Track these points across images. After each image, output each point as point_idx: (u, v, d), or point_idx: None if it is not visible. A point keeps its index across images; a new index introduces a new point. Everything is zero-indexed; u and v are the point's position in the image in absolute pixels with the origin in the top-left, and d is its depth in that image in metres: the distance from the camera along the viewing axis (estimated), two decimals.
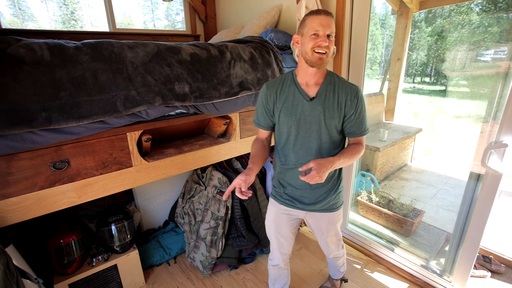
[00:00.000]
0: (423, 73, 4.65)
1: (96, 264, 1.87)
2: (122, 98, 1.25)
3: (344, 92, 1.27)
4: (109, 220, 1.95)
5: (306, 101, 1.28)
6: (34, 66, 1.05)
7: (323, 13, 1.15)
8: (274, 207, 1.54)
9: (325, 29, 1.14)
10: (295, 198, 1.46)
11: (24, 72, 1.03)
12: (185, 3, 3.20)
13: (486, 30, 2.88)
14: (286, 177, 1.45)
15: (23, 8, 2.65)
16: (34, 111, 1.05)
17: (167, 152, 1.68)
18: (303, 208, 1.47)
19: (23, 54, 1.04)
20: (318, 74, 1.28)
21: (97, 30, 2.93)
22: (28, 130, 1.07)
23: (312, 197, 1.43)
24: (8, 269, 1.02)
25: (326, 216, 1.50)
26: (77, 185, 1.34)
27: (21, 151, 1.15)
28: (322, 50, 1.16)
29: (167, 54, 1.39)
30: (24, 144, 1.10)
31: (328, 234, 1.59)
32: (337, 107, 1.27)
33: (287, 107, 1.31)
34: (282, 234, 1.58)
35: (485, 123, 1.65)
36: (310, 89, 1.30)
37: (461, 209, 1.86)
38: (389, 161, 3.65)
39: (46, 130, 1.12)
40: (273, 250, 1.65)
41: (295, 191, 1.44)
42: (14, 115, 1.02)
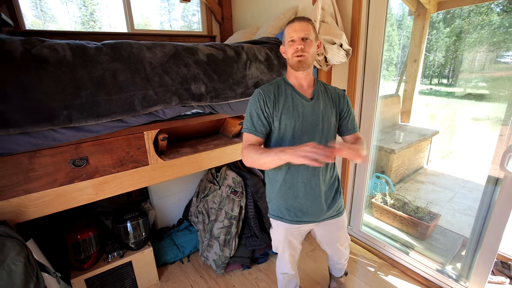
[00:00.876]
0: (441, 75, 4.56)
1: (112, 260, 1.91)
2: (140, 97, 1.27)
3: (334, 92, 1.39)
4: (124, 218, 1.99)
5: (306, 101, 1.31)
6: (57, 66, 1.08)
7: (296, 20, 1.24)
8: (281, 227, 1.46)
9: (299, 34, 1.22)
10: (303, 212, 1.39)
11: (47, 72, 1.06)
12: (201, 4, 3.22)
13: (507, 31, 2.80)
14: (292, 189, 1.37)
15: (45, 10, 2.73)
16: (56, 109, 1.08)
17: (182, 151, 1.70)
18: (313, 221, 1.43)
19: (46, 55, 1.07)
20: (308, 77, 1.34)
21: (116, 31, 2.99)
22: (49, 128, 1.10)
23: (319, 204, 1.39)
24: (29, 262, 1.06)
25: (335, 222, 1.50)
26: (95, 182, 1.37)
27: (42, 148, 1.19)
28: (299, 53, 1.22)
29: (184, 54, 1.40)
30: (46, 141, 1.13)
31: (339, 240, 1.60)
32: (332, 105, 1.36)
33: (288, 109, 1.29)
34: (293, 248, 1.55)
35: (504, 126, 1.61)
36: (305, 91, 1.34)
37: (479, 214, 1.82)
38: (404, 163, 3.58)
39: (67, 128, 1.15)
40: (283, 261, 1.62)
41: (304, 202, 1.37)
42: (37, 113, 1.05)
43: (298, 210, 1.39)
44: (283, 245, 1.53)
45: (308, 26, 1.23)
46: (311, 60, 1.26)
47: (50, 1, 2.69)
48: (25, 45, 1.05)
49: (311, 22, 1.26)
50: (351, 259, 2.34)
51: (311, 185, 1.35)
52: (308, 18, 1.27)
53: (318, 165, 1.04)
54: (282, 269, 1.66)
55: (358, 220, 2.53)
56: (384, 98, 3.69)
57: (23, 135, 1.07)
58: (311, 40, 1.23)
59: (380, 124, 3.01)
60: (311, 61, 1.26)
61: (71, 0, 2.78)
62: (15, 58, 1.01)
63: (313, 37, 1.25)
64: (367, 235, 2.49)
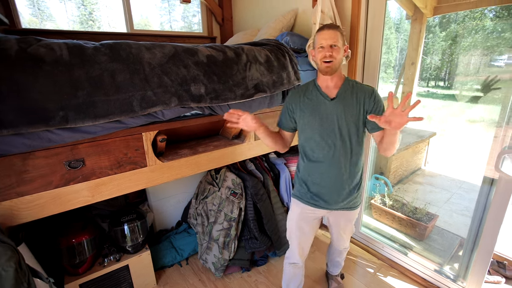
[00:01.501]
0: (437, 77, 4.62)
1: (108, 264, 1.87)
2: (138, 98, 1.25)
3: (362, 92, 1.41)
4: (122, 220, 1.95)
5: (328, 101, 1.42)
6: (53, 66, 1.05)
7: (326, 28, 1.35)
8: (298, 207, 1.61)
9: (328, 41, 1.33)
10: (320, 197, 1.52)
11: (43, 72, 1.03)
12: (202, 5, 3.22)
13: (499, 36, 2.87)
14: (311, 175, 1.52)
15: (42, 8, 2.69)
16: (51, 110, 1.05)
17: (181, 152, 1.67)
18: (327, 208, 1.54)
19: (43, 54, 1.04)
20: (335, 78, 1.42)
21: (115, 31, 2.96)
22: (45, 129, 1.07)
23: (336, 195, 1.50)
24: (20, 268, 1.02)
25: (346, 214, 1.60)
26: (91, 184, 1.34)
27: (37, 149, 1.16)
28: (327, 59, 1.33)
29: (184, 55, 1.38)
30: (41, 143, 1.10)
31: (345, 230, 1.71)
32: (356, 105, 1.40)
33: (312, 108, 1.45)
34: (304, 232, 1.65)
35: (498, 127, 1.64)
36: (330, 91, 1.44)
37: (475, 214, 1.85)
38: (402, 164, 3.60)
39: (62, 129, 1.12)
40: (293, 248, 1.71)
41: (320, 189, 1.51)
42: (32, 113, 1.02)
43: (315, 195, 1.53)
44: (294, 228, 1.65)
45: (336, 34, 1.33)
46: (338, 65, 1.37)
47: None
48: (21, 44, 1.02)
49: (340, 30, 1.36)
50: (350, 260, 2.35)
51: (328, 176, 1.47)
52: (337, 26, 1.37)
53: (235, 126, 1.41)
54: (289, 258, 1.74)
55: (357, 221, 2.53)
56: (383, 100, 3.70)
57: (17, 136, 1.04)
58: (339, 47, 1.33)
59: None
60: (338, 66, 1.37)
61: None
62: (10, 56, 0.99)
63: (341, 44, 1.35)
64: (367, 236, 2.50)
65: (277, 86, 1.74)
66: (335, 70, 1.37)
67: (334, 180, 1.48)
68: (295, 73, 1.87)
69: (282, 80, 1.76)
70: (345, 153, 1.43)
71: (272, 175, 2.42)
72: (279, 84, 1.74)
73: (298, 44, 2.10)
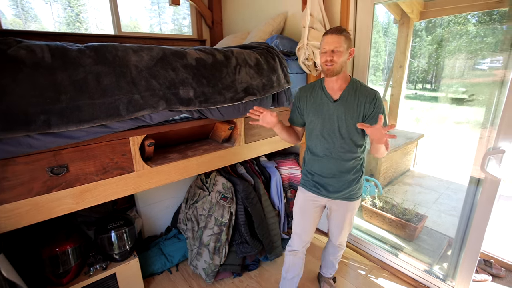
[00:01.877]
0: (424, 80, 4.72)
1: (94, 273, 1.81)
2: (125, 102, 1.22)
3: (363, 95, 1.46)
4: (108, 227, 1.89)
5: (331, 102, 1.50)
6: (34, 68, 1.01)
7: (330, 33, 1.41)
8: (302, 193, 1.75)
9: (330, 46, 1.39)
10: (321, 185, 1.64)
11: (23, 74, 0.99)
12: (192, 8, 3.19)
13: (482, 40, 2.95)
14: (314, 167, 1.65)
15: (26, 9, 2.61)
16: (32, 114, 1.01)
17: (170, 157, 1.64)
18: (327, 196, 1.65)
19: (23, 56, 1.00)
20: (339, 80, 1.48)
21: (102, 33, 2.90)
22: (25, 134, 1.03)
23: (336, 185, 1.61)
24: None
25: (346, 204, 1.67)
26: (75, 191, 1.29)
27: (17, 156, 1.10)
28: (328, 63, 1.40)
29: (172, 58, 1.36)
30: (21, 149, 1.05)
31: (344, 220, 1.74)
32: (356, 108, 1.47)
33: (316, 107, 1.55)
34: (306, 219, 1.75)
35: (483, 129, 1.68)
36: (334, 93, 1.51)
37: (462, 214, 1.88)
38: (392, 166, 3.64)
39: (44, 134, 1.08)
40: (294, 236, 1.80)
41: (321, 179, 1.63)
42: (11, 117, 0.98)
43: (317, 183, 1.65)
44: (298, 213, 1.77)
45: (340, 38, 1.38)
46: (340, 68, 1.42)
47: (32, 0, 2.57)
48: (0, 45, 0.98)
49: (344, 34, 1.39)
50: (342, 262, 2.35)
51: (329, 169, 1.59)
52: (341, 30, 1.40)
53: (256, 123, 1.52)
54: (290, 246, 1.82)
55: None
56: None
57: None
58: (341, 51, 1.39)
59: None
60: (340, 69, 1.42)
61: (55, 0, 2.68)
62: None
63: (344, 48, 1.39)
64: (358, 238, 2.51)
65: (267, 89, 1.73)
66: (337, 73, 1.43)
67: (334, 173, 1.59)
68: (285, 76, 1.86)
69: (272, 83, 1.76)
70: (344, 151, 1.53)
71: (263, 178, 2.40)
72: (269, 87, 1.74)
73: (288, 47, 2.10)
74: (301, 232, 1.76)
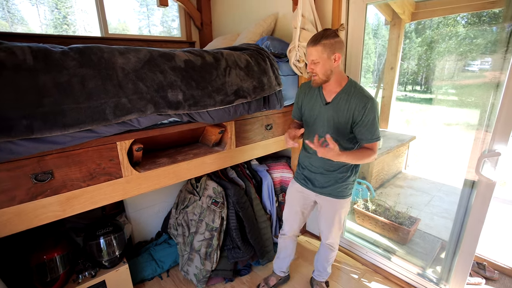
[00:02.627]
0: (414, 82, 4.75)
1: (83, 281, 1.77)
2: (111, 105, 1.18)
3: (355, 102, 1.46)
4: (97, 233, 1.86)
5: (323, 104, 1.55)
6: (15, 71, 0.98)
7: (308, 45, 1.43)
8: (293, 184, 1.87)
9: (309, 57, 1.43)
10: (309, 179, 1.74)
11: (3, 77, 0.95)
12: (180, 9, 3.16)
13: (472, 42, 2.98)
14: (305, 162, 1.75)
15: (13, 11, 2.56)
16: (13, 118, 0.97)
17: (159, 161, 1.61)
18: (313, 190, 1.74)
19: (3, 58, 0.96)
20: (332, 84, 1.51)
21: (90, 35, 2.85)
22: (6, 140, 0.98)
23: (322, 180, 1.68)
24: None
25: (332, 201, 1.71)
26: (61, 198, 1.25)
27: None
28: (312, 73, 1.46)
29: (160, 60, 1.33)
30: (2, 155, 1.01)
31: (332, 218, 1.77)
32: (346, 113, 1.48)
33: (310, 106, 1.62)
34: (293, 209, 1.87)
35: (478, 131, 1.67)
36: (329, 94, 1.54)
37: (457, 217, 1.87)
38: (384, 168, 3.65)
39: (27, 139, 1.04)
40: (285, 222, 1.96)
41: (310, 173, 1.73)
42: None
43: (306, 177, 1.76)
44: (288, 201, 1.90)
45: (316, 50, 1.39)
46: (324, 77, 1.45)
47: (18, 2, 2.52)
48: None
49: (321, 42, 1.37)
50: (334, 266, 2.34)
51: (317, 166, 1.67)
52: (317, 40, 1.38)
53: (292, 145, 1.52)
54: (281, 230, 2.00)
55: None
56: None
57: None
58: (320, 62, 1.41)
59: None
60: (324, 78, 1.45)
61: (42, 2, 2.63)
62: None
63: (324, 57, 1.39)
64: (350, 242, 2.50)
65: (257, 92, 1.71)
66: (321, 83, 1.47)
67: (321, 170, 1.66)
68: (276, 78, 1.85)
69: (263, 85, 1.74)
70: None
71: (254, 182, 2.38)
72: (259, 90, 1.72)
73: (279, 49, 2.08)
74: (290, 219, 1.91)
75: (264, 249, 2.23)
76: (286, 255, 2.02)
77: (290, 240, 1.98)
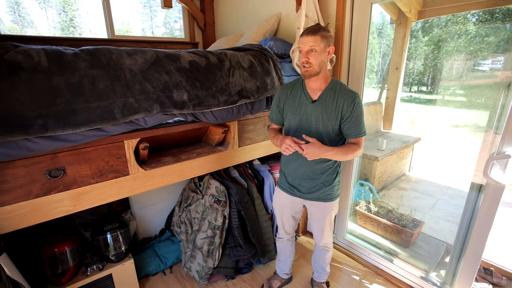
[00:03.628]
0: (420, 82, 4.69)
1: (91, 273, 1.83)
2: (119, 105, 1.24)
3: (343, 98, 1.45)
4: (104, 229, 1.92)
5: (309, 103, 1.51)
6: (31, 72, 1.04)
7: (305, 33, 1.39)
8: (279, 194, 1.82)
9: (306, 46, 1.38)
10: (294, 187, 1.70)
11: (21, 79, 1.01)
12: (184, 10, 3.20)
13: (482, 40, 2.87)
14: (288, 168, 1.69)
15: (23, 15, 2.65)
16: (30, 118, 1.03)
17: (164, 160, 1.66)
18: (300, 196, 1.70)
19: (20, 60, 1.02)
20: (319, 81, 1.48)
21: (96, 37, 2.92)
22: (23, 137, 1.05)
23: (308, 186, 1.65)
24: (0, 279, 1.00)
25: (321, 205, 1.69)
26: (72, 194, 1.31)
27: (16, 159, 1.13)
28: (304, 64, 1.40)
29: (166, 61, 1.38)
30: (20, 152, 1.07)
31: (323, 221, 1.76)
32: (334, 110, 1.47)
33: (294, 107, 1.55)
34: (284, 216, 1.85)
35: (486, 133, 1.64)
36: (314, 93, 1.51)
37: (462, 220, 1.83)
38: (387, 170, 3.63)
39: (42, 137, 1.10)
40: (279, 227, 1.95)
41: (294, 180, 1.68)
42: (10, 122, 1.00)
43: (291, 185, 1.71)
44: (277, 209, 1.89)
45: (315, 39, 1.35)
46: (318, 69, 1.41)
47: (28, 6, 2.60)
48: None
49: (320, 33, 1.36)
50: (335, 267, 2.34)
51: (302, 170, 1.63)
52: (316, 30, 1.37)
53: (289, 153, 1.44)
54: (278, 234, 2.01)
55: (342, 228, 2.53)
56: (367, 106, 3.74)
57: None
58: (318, 51, 1.37)
59: None
60: (318, 69, 1.41)
61: (50, 6, 2.71)
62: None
63: (321, 47, 1.37)
64: (352, 243, 2.50)
65: (261, 92, 1.74)
66: (314, 74, 1.42)
67: (307, 174, 1.62)
68: (279, 78, 1.87)
69: (266, 85, 1.77)
70: None
71: (256, 182, 2.41)
72: (263, 90, 1.75)
73: (282, 49, 2.10)
74: (282, 225, 1.90)
75: (265, 248, 2.27)
76: (286, 256, 2.05)
77: (287, 243, 2.00)
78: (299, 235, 2.76)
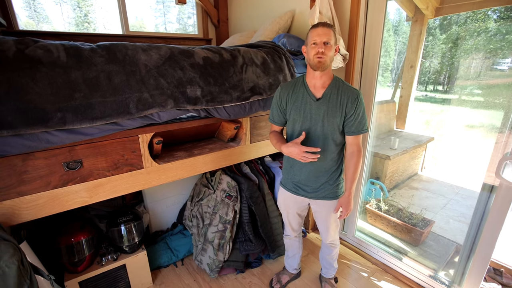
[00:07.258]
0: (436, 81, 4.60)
1: (106, 263, 1.90)
2: (135, 100, 1.26)
3: (346, 95, 1.46)
4: (119, 221, 1.97)
5: (313, 101, 1.49)
6: (50, 67, 1.07)
7: (320, 25, 1.38)
8: (283, 193, 1.81)
9: (322, 38, 1.36)
10: (299, 186, 1.69)
11: (41, 73, 1.05)
12: (197, 6, 3.21)
13: (503, 38, 2.79)
14: (292, 167, 1.67)
15: (39, 10, 2.70)
16: (49, 111, 1.07)
17: (177, 155, 1.69)
18: (305, 196, 1.70)
19: (40, 55, 1.06)
20: (323, 77, 1.47)
21: (110, 32, 2.97)
22: (43, 130, 1.09)
23: (313, 185, 1.64)
24: (22, 265, 1.04)
25: (327, 204, 1.69)
26: (89, 185, 1.36)
27: (36, 150, 1.17)
28: (319, 55, 1.37)
29: (180, 57, 1.40)
30: (40, 144, 1.12)
31: (328, 219, 1.77)
32: (339, 107, 1.47)
33: (297, 106, 1.53)
34: (290, 214, 1.87)
35: (500, 133, 1.61)
36: (317, 91, 1.50)
37: (473, 221, 1.82)
38: (399, 169, 3.59)
39: (60, 130, 1.14)
40: (285, 225, 1.97)
41: (300, 180, 1.67)
42: (31, 114, 1.04)
43: (296, 184, 1.70)
44: (282, 208, 1.89)
45: (330, 32, 1.37)
46: (329, 62, 1.41)
47: (44, 1, 2.66)
48: (19, 45, 1.04)
49: (333, 29, 1.39)
50: (344, 264, 2.35)
51: (307, 169, 1.61)
52: (331, 25, 1.39)
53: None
54: (285, 231, 2.04)
55: (352, 226, 2.53)
56: (380, 104, 3.70)
57: (16, 137, 1.06)
58: (331, 45, 1.38)
59: (376, 130, 3.01)
60: (329, 63, 1.41)
61: (65, 1, 2.75)
62: (8, 58, 1.00)
63: (333, 42, 1.39)
64: (361, 241, 2.50)
65: (273, 89, 1.75)
66: (326, 67, 1.41)
67: (312, 173, 1.61)
68: (292, 75, 1.87)
69: (279, 82, 1.78)
70: (322, 151, 1.52)
71: (267, 178, 2.42)
72: (275, 87, 1.75)
73: (295, 46, 2.08)
74: (288, 223, 1.92)
75: (275, 244, 2.28)
76: (294, 252, 2.07)
77: (295, 239, 2.02)
78: (308, 232, 2.77)
